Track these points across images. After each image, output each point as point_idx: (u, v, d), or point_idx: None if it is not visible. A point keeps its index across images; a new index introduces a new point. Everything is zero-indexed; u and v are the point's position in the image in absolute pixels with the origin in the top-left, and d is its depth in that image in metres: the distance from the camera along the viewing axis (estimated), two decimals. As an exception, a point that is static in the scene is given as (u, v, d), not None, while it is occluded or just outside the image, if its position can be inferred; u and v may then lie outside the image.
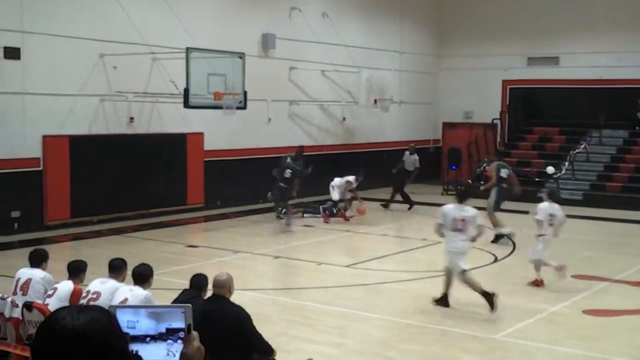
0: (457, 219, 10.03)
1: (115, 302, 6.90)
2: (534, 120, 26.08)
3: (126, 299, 6.88)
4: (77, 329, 2.03)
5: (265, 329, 6.88)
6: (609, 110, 24.18)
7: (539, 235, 11.71)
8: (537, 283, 11.77)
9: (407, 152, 21.11)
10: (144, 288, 7.10)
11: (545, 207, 11.70)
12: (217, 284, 6.35)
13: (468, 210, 10.12)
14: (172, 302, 7.12)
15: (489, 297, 10.00)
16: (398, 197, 20.25)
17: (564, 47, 25.54)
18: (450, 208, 10.17)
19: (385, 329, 9.69)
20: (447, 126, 28.29)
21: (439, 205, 12.43)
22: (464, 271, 10.13)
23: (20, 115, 15.45)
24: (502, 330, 9.51)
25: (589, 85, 25.01)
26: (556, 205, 11.81)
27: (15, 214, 15.49)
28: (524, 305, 10.77)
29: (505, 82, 26.91)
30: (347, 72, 22.68)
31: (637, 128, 24.03)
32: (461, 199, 10.34)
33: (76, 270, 7.56)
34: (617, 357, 8.62)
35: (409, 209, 20.12)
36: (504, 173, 16.14)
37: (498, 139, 26.56)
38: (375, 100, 22.36)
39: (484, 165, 18.01)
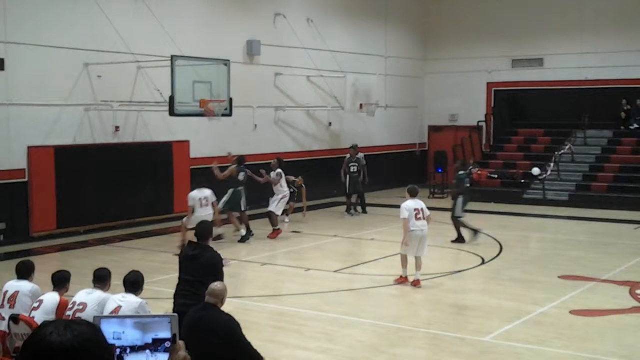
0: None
1: (107, 311, 6.88)
2: (519, 122, 26.21)
3: (119, 307, 6.86)
4: (65, 345, 2.03)
5: (254, 337, 6.87)
6: (594, 111, 24.36)
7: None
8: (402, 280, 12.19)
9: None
10: (137, 295, 7.09)
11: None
12: (213, 294, 6.33)
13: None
14: (181, 258, 7.93)
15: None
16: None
17: (548, 49, 25.70)
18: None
19: (375, 333, 9.69)
20: (433, 129, 28.38)
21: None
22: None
23: (5, 127, 15.36)
24: (491, 332, 9.53)
25: (574, 87, 25.18)
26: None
27: (1, 226, 15.40)
28: (512, 306, 10.81)
29: (490, 85, 27.04)
30: (333, 78, 22.71)
31: (622, 128, 24.21)
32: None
33: (61, 281, 7.52)
34: (606, 357, 8.67)
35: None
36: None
37: (484, 142, 26.67)
38: (361, 105, 22.39)
39: (470, 167, 18.05)
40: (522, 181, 23.12)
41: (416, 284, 11.90)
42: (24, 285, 7.61)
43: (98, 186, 16.95)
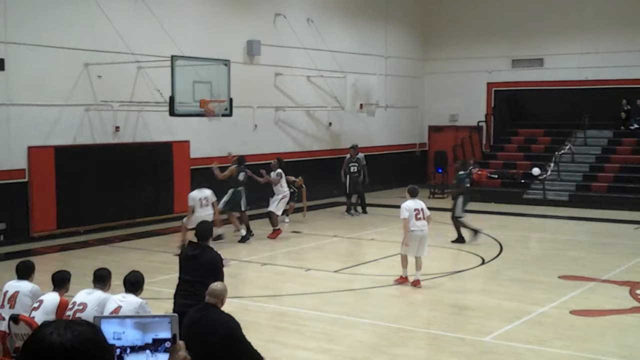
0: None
1: (107, 311, 6.88)
2: (519, 122, 26.21)
3: (119, 307, 6.86)
4: (65, 345, 2.03)
5: (254, 336, 6.87)
6: (594, 111, 24.36)
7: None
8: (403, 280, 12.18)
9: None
10: (137, 295, 7.09)
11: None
12: (213, 294, 6.33)
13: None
14: (181, 258, 7.90)
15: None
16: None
17: (548, 49, 25.71)
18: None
19: (375, 333, 9.69)
20: (433, 129, 28.38)
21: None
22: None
23: (5, 127, 15.36)
24: (491, 332, 9.53)
25: (574, 87, 25.18)
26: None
27: (1, 226, 15.40)
28: (513, 306, 10.81)
29: (490, 85, 27.04)
30: (333, 78, 22.71)
31: (622, 128, 24.21)
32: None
33: (61, 281, 7.52)
34: (606, 357, 8.66)
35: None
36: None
37: (484, 142, 26.67)
38: (361, 105, 22.39)
39: (470, 168, 18.05)
40: (522, 181, 23.11)
41: (416, 284, 11.90)
42: (24, 285, 7.61)
43: (98, 186, 16.95)
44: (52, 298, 7.28)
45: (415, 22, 27.61)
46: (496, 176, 23.41)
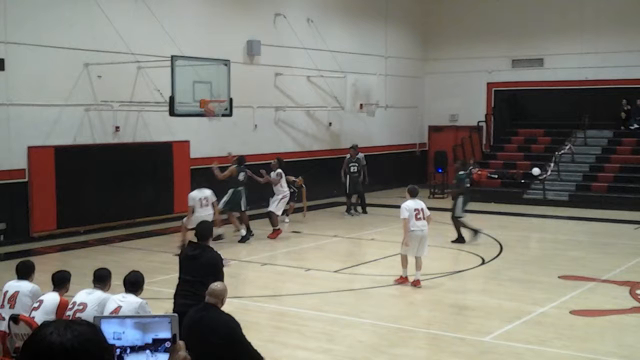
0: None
1: (107, 311, 6.88)
2: (519, 122, 26.22)
3: (119, 307, 6.86)
4: (65, 345, 2.03)
5: (254, 336, 6.87)
6: (594, 111, 24.37)
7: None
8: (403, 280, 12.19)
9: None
10: (137, 295, 7.09)
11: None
12: (213, 294, 6.33)
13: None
14: (181, 258, 7.90)
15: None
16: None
17: (548, 49, 25.71)
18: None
19: (375, 334, 9.69)
20: (433, 129, 28.38)
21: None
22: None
23: (5, 127, 15.36)
24: (491, 332, 9.53)
25: (574, 87, 25.19)
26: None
27: (1, 226, 15.40)
28: (512, 306, 10.81)
29: (490, 85, 27.04)
30: (333, 78, 22.71)
31: (622, 128, 24.21)
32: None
33: (61, 281, 7.52)
34: (606, 357, 8.67)
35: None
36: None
37: (484, 142, 26.67)
38: (361, 105, 22.39)
39: (470, 168, 18.06)
40: (522, 181, 23.11)
41: (416, 284, 11.90)
42: (24, 285, 7.61)
43: (98, 186, 16.95)
44: (52, 298, 7.28)
45: (415, 22, 27.61)
46: (496, 176, 23.41)
